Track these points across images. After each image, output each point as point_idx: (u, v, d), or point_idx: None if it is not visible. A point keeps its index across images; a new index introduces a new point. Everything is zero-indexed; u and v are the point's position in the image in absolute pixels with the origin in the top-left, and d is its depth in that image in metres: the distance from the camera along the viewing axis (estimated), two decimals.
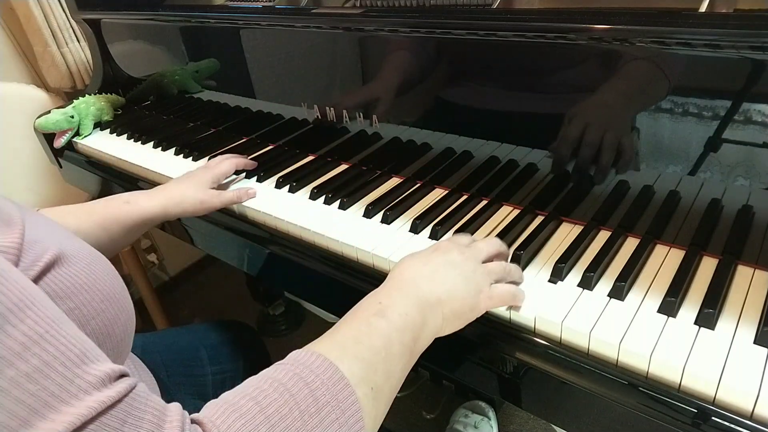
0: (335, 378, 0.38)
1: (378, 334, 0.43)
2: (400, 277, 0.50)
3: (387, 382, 0.41)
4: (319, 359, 0.39)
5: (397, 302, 0.46)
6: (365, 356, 0.41)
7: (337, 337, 0.43)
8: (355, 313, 0.46)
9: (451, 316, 0.49)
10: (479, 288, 0.51)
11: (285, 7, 0.91)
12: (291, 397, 0.36)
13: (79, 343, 0.33)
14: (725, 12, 0.53)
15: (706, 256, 0.59)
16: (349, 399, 0.37)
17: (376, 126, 0.84)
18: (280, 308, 1.62)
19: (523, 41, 0.63)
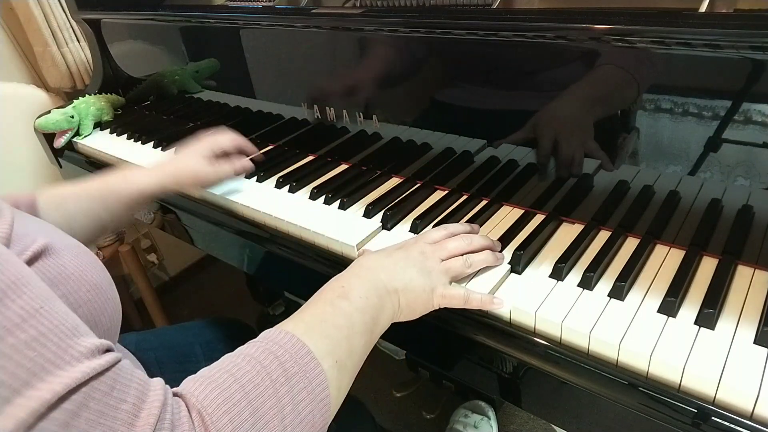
0: (302, 352, 0.42)
1: (341, 313, 0.47)
2: (361, 266, 0.54)
3: (350, 356, 0.45)
4: (287, 336, 0.43)
5: (358, 286, 0.50)
6: (330, 333, 0.45)
7: (305, 317, 0.46)
8: (320, 295, 0.50)
9: (406, 307, 0.53)
10: (433, 286, 0.54)
11: (285, 7, 0.91)
12: (263, 368, 0.40)
13: (71, 319, 0.36)
14: (725, 12, 0.53)
15: (706, 256, 0.59)
16: (316, 370, 0.41)
17: (376, 126, 0.84)
18: (280, 308, 1.62)
19: (523, 41, 0.63)
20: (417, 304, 0.54)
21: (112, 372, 0.35)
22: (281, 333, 0.43)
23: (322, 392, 0.41)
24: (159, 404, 0.36)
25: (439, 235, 0.60)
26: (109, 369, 0.35)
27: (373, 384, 1.40)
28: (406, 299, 0.52)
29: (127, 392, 0.35)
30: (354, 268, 0.54)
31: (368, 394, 1.37)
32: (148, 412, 0.35)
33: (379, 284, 0.51)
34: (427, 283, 0.54)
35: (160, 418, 0.35)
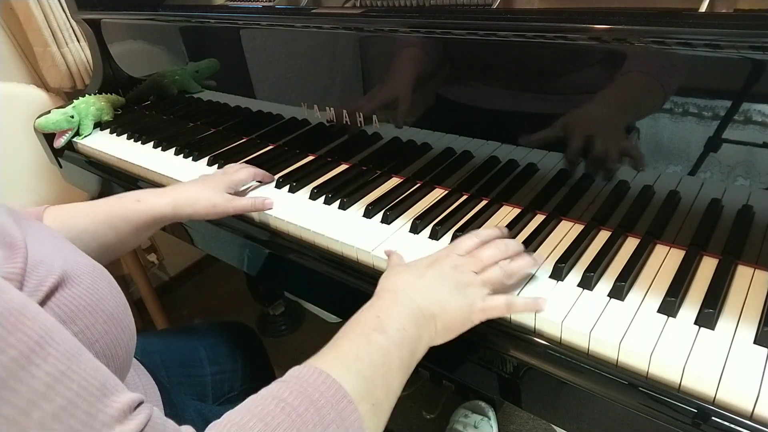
0: (338, 395, 0.38)
1: (377, 349, 0.43)
2: (395, 290, 0.50)
3: (386, 396, 0.42)
4: (322, 376, 0.39)
5: (394, 317, 0.47)
6: (366, 373, 0.41)
7: (339, 353, 0.43)
8: (354, 328, 0.46)
9: (443, 330, 0.50)
10: (472, 301, 0.51)
11: (285, 7, 0.91)
12: (298, 417, 0.36)
13: (99, 375, 0.33)
14: (725, 12, 0.53)
15: (706, 256, 0.59)
16: (352, 416, 0.38)
17: (376, 126, 0.84)
18: (280, 308, 1.62)
19: (523, 41, 0.63)
20: (455, 324, 0.51)
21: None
22: (315, 372, 0.40)
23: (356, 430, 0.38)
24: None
25: (471, 243, 0.56)
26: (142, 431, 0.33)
27: None
28: (443, 322, 0.49)
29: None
30: (387, 293, 0.50)
31: None
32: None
33: (415, 310, 0.48)
34: (464, 301, 0.51)
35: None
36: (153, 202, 0.70)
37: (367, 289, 0.66)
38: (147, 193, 0.72)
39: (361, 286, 0.67)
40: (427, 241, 0.68)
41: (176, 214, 0.72)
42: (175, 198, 0.72)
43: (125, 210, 0.68)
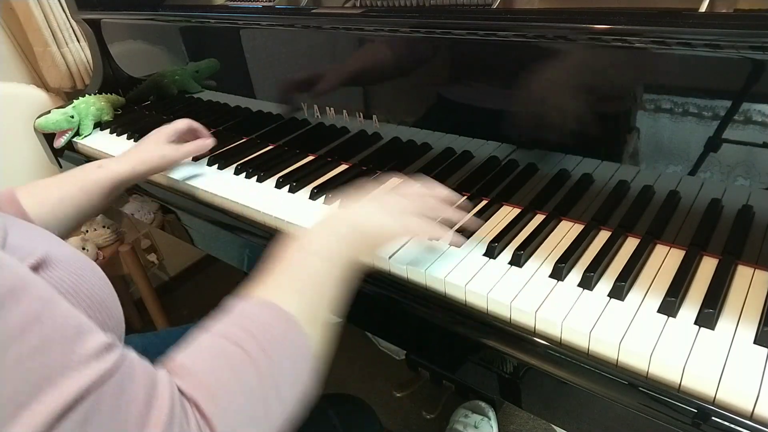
0: (289, 324, 0.42)
1: (313, 271, 0.48)
2: (328, 216, 0.56)
3: (328, 311, 0.47)
4: (269, 308, 0.43)
5: (319, 237, 0.52)
6: (306, 294, 0.45)
7: (277, 280, 0.46)
8: (283, 254, 0.49)
9: (367, 238, 0.55)
10: (394, 216, 0.57)
11: (285, 7, 0.91)
12: (259, 355, 0.40)
13: (73, 319, 0.35)
14: (725, 12, 0.53)
15: (706, 256, 0.59)
16: (301, 339, 0.42)
17: (376, 126, 0.84)
18: None
19: (523, 41, 0.63)
20: (381, 232, 0.56)
21: (120, 372, 0.35)
22: (264, 305, 0.43)
23: (307, 353, 0.42)
24: (168, 401, 0.35)
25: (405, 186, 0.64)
26: (117, 369, 0.35)
27: (373, 384, 1.40)
28: (366, 230, 0.55)
29: (137, 390, 0.35)
30: (321, 221, 0.55)
31: (368, 394, 1.37)
32: (159, 411, 0.35)
33: (341, 228, 0.53)
34: (389, 216, 0.57)
35: (169, 415, 0.35)
36: (113, 166, 0.79)
37: (367, 289, 0.67)
38: (106, 161, 0.81)
39: (361, 285, 0.67)
40: (426, 240, 0.68)
41: (135, 173, 0.81)
42: (129, 159, 0.81)
43: (92, 175, 0.76)
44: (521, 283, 0.58)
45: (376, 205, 0.58)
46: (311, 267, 0.47)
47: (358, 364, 1.46)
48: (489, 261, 0.63)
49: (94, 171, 0.77)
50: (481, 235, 0.68)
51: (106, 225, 1.40)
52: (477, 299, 0.58)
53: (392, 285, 0.65)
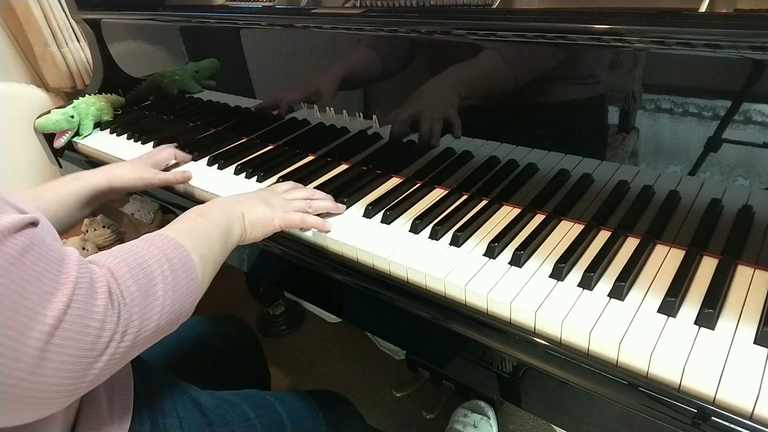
0: (177, 245, 0.54)
1: (201, 225, 0.61)
2: (216, 200, 0.69)
3: (210, 253, 0.58)
4: (164, 236, 0.55)
5: (212, 210, 0.64)
6: (194, 237, 0.57)
7: (174, 227, 0.58)
8: (183, 217, 0.62)
9: (250, 225, 0.67)
10: (274, 210, 0.70)
11: (285, 7, 0.91)
12: (153, 248, 0.52)
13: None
14: (725, 12, 0.53)
15: (706, 256, 0.59)
16: (187, 257, 0.54)
17: (376, 126, 0.84)
18: (280, 308, 1.62)
19: (523, 41, 0.63)
20: (259, 224, 0.68)
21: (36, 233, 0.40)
22: (161, 236, 0.54)
23: (192, 270, 0.54)
24: (76, 262, 0.43)
25: (286, 184, 0.78)
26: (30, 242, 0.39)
27: (373, 384, 1.40)
28: (250, 220, 0.67)
29: (51, 256, 0.41)
30: (211, 201, 0.68)
31: (368, 394, 1.37)
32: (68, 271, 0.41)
33: (229, 210, 0.66)
34: (269, 210, 0.69)
35: (80, 270, 0.42)
36: (90, 177, 0.82)
37: (367, 289, 0.67)
38: (84, 172, 0.84)
39: (361, 285, 0.67)
40: (427, 240, 0.68)
41: (111, 186, 0.84)
42: (108, 173, 0.84)
43: (69, 187, 0.79)
44: (521, 283, 0.58)
45: (262, 203, 0.70)
46: (205, 227, 0.61)
47: (358, 364, 1.46)
48: (489, 261, 0.63)
49: (72, 183, 0.80)
50: (481, 235, 0.68)
51: (106, 225, 1.40)
52: (477, 299, 0.58)
53: (392, 285, 0.65)
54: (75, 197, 0.79)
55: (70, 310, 0.40)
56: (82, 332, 0.41)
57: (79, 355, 0.41)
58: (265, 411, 0.72)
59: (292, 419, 0.74)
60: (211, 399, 0.69)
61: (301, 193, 0.76)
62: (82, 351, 0.41)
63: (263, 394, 0.76)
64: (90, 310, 0.41)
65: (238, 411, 0.70)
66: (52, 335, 0.39)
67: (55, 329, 0.39)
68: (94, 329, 0.41)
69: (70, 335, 0.40)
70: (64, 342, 0.39)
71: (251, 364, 0.96)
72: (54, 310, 0.39)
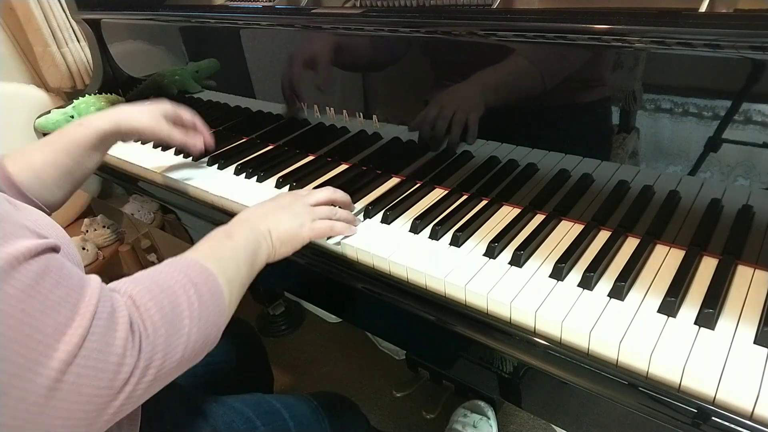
0: (204, 268, 0.52)
1: (228, 248, 0.58)
2: (240, 218, 0.65)
3: (237, 276, 0.56)
4: (191, 260, 0.52)
5: (238, 230, 0.61)
6: (221, 260, 0.55)
7: (201, 250, 0.56)
8: (208, 239, 0.60)
9: (278, 242, 0.64)
10: (302, 222, 0.66)
11: (285, 7, 0.91)
12: (178, 274, 0.49)
13: (7, 225, 0.37)
14: (725, 12, 0.53)
15: (706, 256, 0.59)
16: (215, 282, 0.51)
17: (376, 126, 0.84)
18: (280, 308, 1.62)
19: (523, 41, 0.63)
20: (288, 237, 0.64)
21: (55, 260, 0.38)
22: (186, 259, 0.52)
23: (219, 295, 0.51)
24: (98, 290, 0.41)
25: (305, 191, 0.73)
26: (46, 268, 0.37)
27: (373, 384, 1.40)
28: (278, 236, 0.64)
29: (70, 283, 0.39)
30: (233, 221, 0.64)
31: (368, 394, 1.37)
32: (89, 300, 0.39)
33: (255, 228, 0.62)
34: (295, 221, 0.65)
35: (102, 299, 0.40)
36: (95, 122, 0.77)
37: (367, 289, 0.67)
38: (88, 117, 0.79)
39: (361, 286, 0.67)
40: (427, 241, 0.68)
41: (118, 130, 0.78)
42: (114, 116, 0.78)
43: (73, 135, 0.75)
44: (521, 283, 0.58)
45: (286, 213, 0.66)
46: (232, 249, 0.58)
47: (358, 364, 1.46)
48: (489, 261, 0.63)
49: (76, 130, 0.75)
50: (481, 235, 0.68)
51: (106, 225, 1.40)
52: (477, 299, 0.58)
53: (392, 285, 0.65)
54: (81, 146, 0.75)
55: (86, 343, 0.36)
56: (98, 368, 0.37)
57: (94, 394, 0.37)
58: (270, 418, 0.72)
59: (297, 425, 0.73)
60: (217, 406, 0.69)
61: (323, 194, 0.71)
62: (97, 389, 0.37)
63: (268, 400, 0.76)
64: (109, 344, 0.38)
65: (243, 418, 0.69)
66: (64, 372, 0.35)
67: (68, 365, 0.35)
68: (113, 365, 0.38)
69: (86, 371, 0.36)
70: (78, 380, 0.36)
71: (256, 367, 0.96)
72: (68, 343, 0.36)
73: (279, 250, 0.64)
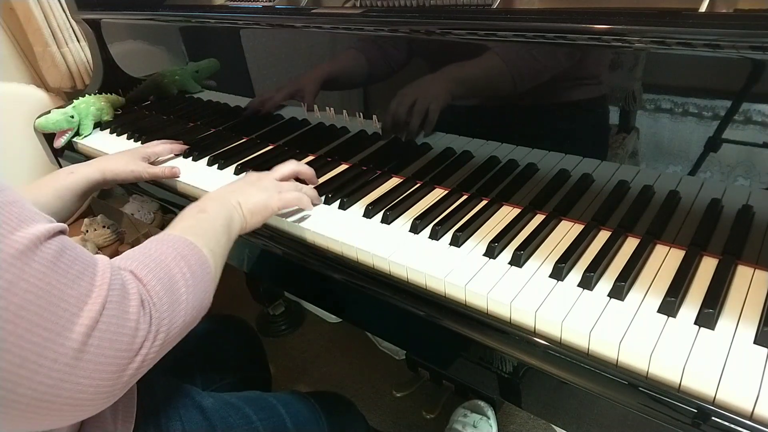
0: (188, 242, 0.55)
1: (205, 221, 0.62)
2: (210, 195, 0.69)
3: (217, 247, 0.59)
4: (181, 238, 0.55)
5: (210, 205, 0.65)
6: (200, 233, 0.58)
7: (179, 226, 0.59)
8: (184, 217, 0.62)
9: (249, 214, 0.68)
10: (270, 193, 0.71)
11: (285, 7, 0.91)
12: (170, 249, 0.53)
13: (16, 208, 0.39)
14: (725, 12, 0.53)
15: (706, 256, 0.59)
16: (200, 252, 0.55)
17: (376, 126, 0.84)
18: (280, 308, 1.62)
19: (523, 41, 0.63)
20: (258, 210, 0.69)
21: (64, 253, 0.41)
22: (170, 236, 0.55)
23: (206, 265, 0.55)
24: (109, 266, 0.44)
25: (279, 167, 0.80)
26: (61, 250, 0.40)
27: (373, 384, 1.40)
28: (248, 208, 0.68)
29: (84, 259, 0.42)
30: (205, 197, 0.68)
31: (368, 394, 1.37)
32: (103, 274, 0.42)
33: (225, 202, 0.67)
34: (263, 194, 0.70)
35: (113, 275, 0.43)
36: (84, 171, 0.85)
37: (366, 289, 0.67)
38: (77, 166, 0.87)
39: (361, 286, 0.67)
40: (427, 241, 0.68)
41: (104, 179, 0.87)
42: (101, 166, 0.88)
43: (65, 181, 0.82)
44: (521, 283, 0.58)
45: (254, 188, 0.71)
46: (208, 221, 0.62)
47: (358, 364, 1.46)
48: (489, 261, 0.63)
49: (67, 177, 0.83)
50: (481, 235, 0.68)
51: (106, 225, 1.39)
52: (477, 299, 0.58)
53: (393, 285, 0.65)
54: (71, 190, 0.82)
55: (105, 311, 0.41)
56: (118, 332, 0.42)
57: (116, 356, 0.42)
58: (267, 414, 0.72)
59: (294, 422, 0.74)
60: (214, 402, 0.69)
61: (288, 168, 0.79)
62: (118, 352, 0.42)
63: (266, 397, 0.76)
64: (125, 311, 0.43)
65: (240, 414, 0.70)
66: (89, 336, 0.40)
67: (92, 330, 0.40)
68: (130, 329, 0.43)
69: (107, 336, 0.41)
70: (101, 343, 0.40)
71: (253, 365, 0.96)
72: (90, 311, 0.40)
73: (250, 221, 0.69)
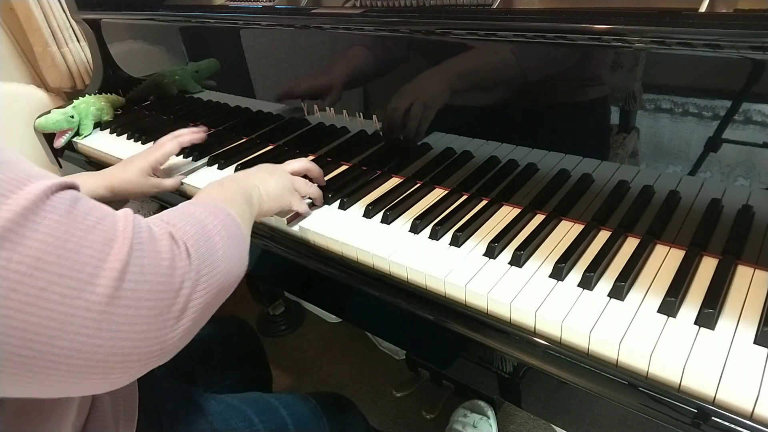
0: (215, 205, 0.53)
1: (227, 190, 0.62)
2: (227, 177, 0.68)
3: (242, 215, 0.58)
4: (206, 202, 0.54)
5: (228, 183, 0.65)
6: (226, 198, 0.58)
7: (201, 198, 0.59)
8: (201, 193, 0.62)
9: (266, 196, 0.68)
10: (285, 185, 0.72)
11: (285, 7, 0.91)
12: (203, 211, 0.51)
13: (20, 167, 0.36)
14: (725, 12, 0.53)
15: (706, 256, 0.59)
16: (228, 211, 0.53)
17: (376, 126, 0.84)
18: (280, 308, 1.62)
19: (523, 41, 0.63)
20: (275, 196, 0.70)
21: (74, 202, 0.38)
22: (193, 202, 0.54)
23: (237, 224, 0.53)
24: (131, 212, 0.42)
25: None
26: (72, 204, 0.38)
27: (373, 384, 1.40)
28: (266, 191, 0.69)
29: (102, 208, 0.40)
30: (222, 179, 0.67)
31: (368, 394, 1.37)
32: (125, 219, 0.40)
33: (243, 183, 0.66)
34: (280, 182, 0.72)
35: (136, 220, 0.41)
36: (91, 186, 0.82)
37: (366, 289, 0.67)
38: (84, 178, 0.84)
39: (361, 286, 0.67)
40: (427, 241, 0.68)
41: (112, 195, 0.85)
42: (109, 181, 0.85)
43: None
44: (521, 283, 0.58)
45: (270, 175, 0.72)
46: (230, 192, 0.61)
47: (358, 364, 1.46)
48: (489, 261, 0.63)
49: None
50: (481, 235, 0.68)
51: None
52: (477, 299, 0.58)
53: (392, 285, 0.65)
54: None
55: (134, 253, 0.39)
56: (153, 272, 0.39)
57: (156, 297, 0.39)
58: (269, 416, 0.72)
59: (296, 424, 0.74)
60: (215, 404, 0.69)
61: (299, 164, 0.80)
62: (157, 293, 0.39)
63: (267, 398, 0.76)
64: (155, 250, 0.40)
65: (242, 416, 0.70)
66: (122, 280, 0.37)
67: (124, 273, 0.37)
68: (165, 268, 0.40)
69: (142, 278, 0.38)
70: (136, 286, 0.38)
71: (254, 365, 0.96)
72: (119, 253, 0.38)
73: (266, 204, 0.69)
